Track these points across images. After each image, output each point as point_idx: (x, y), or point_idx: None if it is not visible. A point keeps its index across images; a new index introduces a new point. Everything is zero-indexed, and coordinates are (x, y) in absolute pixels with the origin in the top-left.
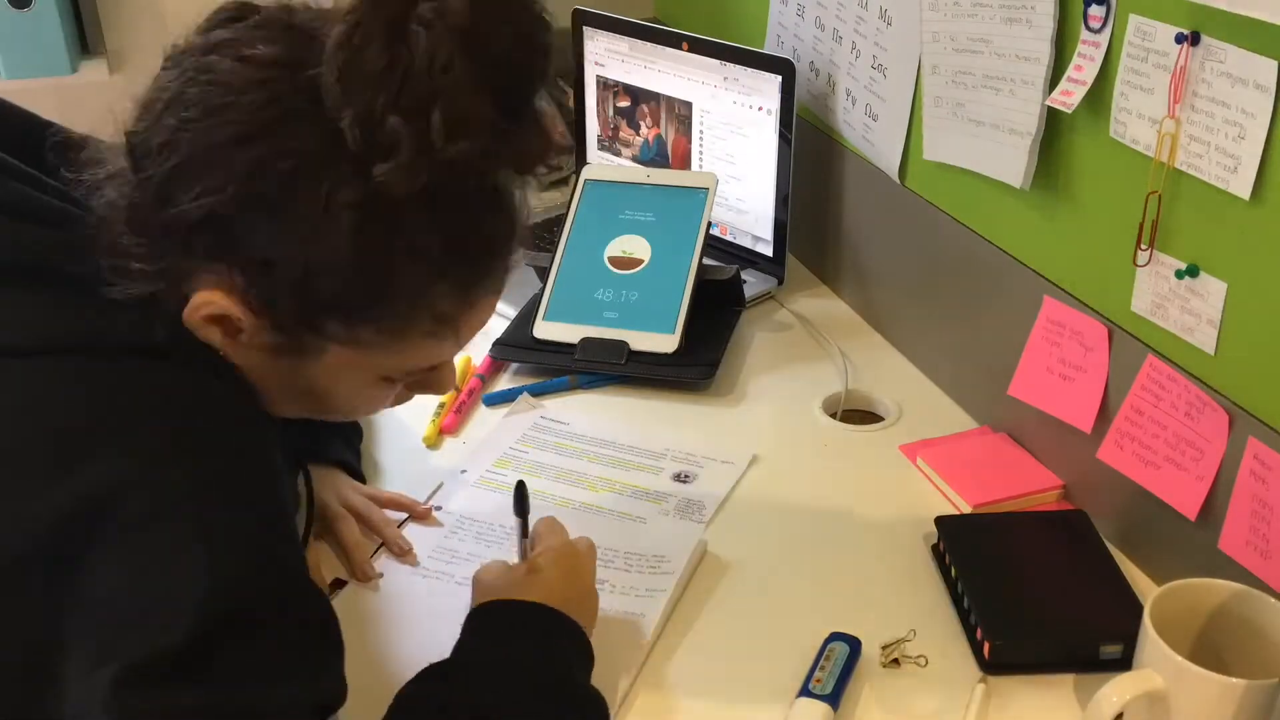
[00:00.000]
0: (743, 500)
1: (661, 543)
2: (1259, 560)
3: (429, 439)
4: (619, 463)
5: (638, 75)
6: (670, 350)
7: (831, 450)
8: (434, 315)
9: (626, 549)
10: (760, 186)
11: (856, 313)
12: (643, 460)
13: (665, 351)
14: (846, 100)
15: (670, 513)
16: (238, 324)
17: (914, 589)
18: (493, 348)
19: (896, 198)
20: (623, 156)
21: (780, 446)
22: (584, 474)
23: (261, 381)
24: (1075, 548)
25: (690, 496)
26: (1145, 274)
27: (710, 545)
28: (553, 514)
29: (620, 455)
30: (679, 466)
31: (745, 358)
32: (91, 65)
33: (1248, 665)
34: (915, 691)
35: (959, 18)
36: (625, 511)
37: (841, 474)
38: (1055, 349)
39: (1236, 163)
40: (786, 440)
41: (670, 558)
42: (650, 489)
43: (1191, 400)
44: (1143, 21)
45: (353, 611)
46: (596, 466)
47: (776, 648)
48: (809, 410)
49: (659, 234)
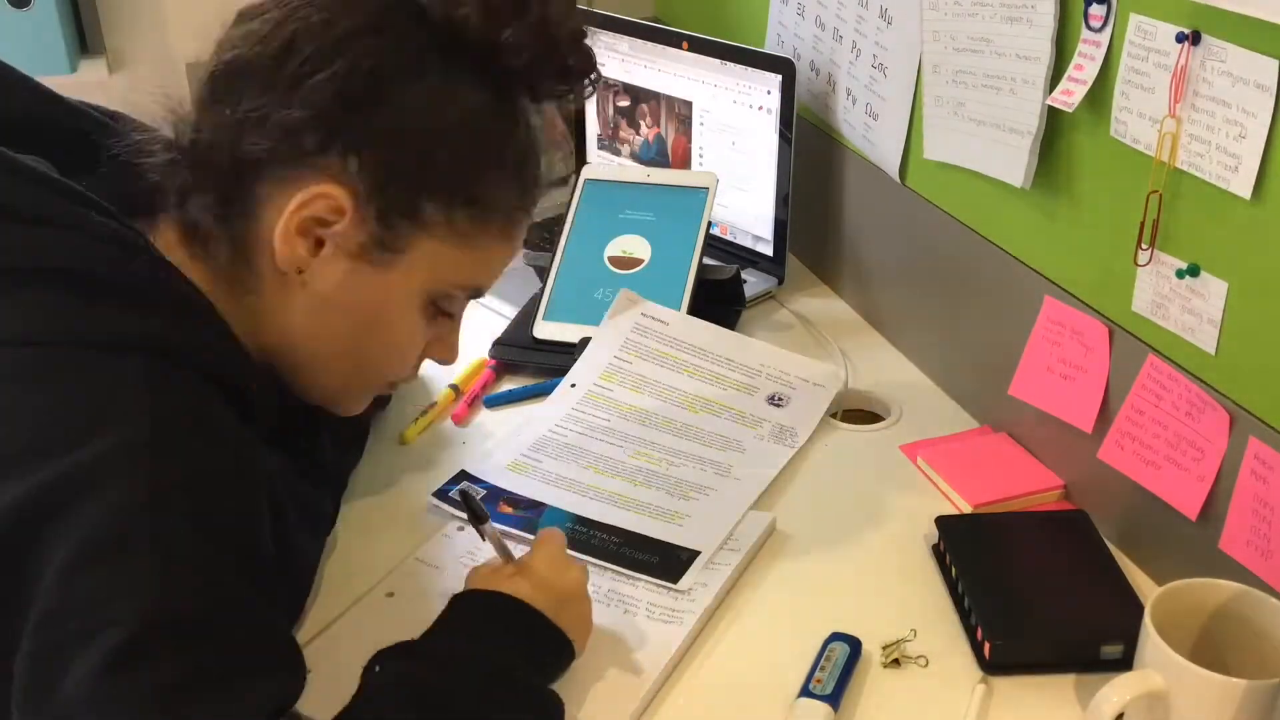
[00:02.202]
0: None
1: (754, 466)
2: (1260, 560)
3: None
4: (718, 379)
5: (638, 75)
6: None
7: (832, 450)
8: (506, 209)
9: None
10: (760, 186)
11: (856, 312)
12: (739, 378)
13: None
14: (847, 99)
15: (765, 437)
16: (333, 226)
17: (914, 589)
18: (492, 348)
19: (897, 197)
20: (623, 156)
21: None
22: (685, 391)
23: (311, 327)
24: (1076, 548)
25: (783, 422)
26: (1146, 273)
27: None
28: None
29: (718, 370)
30: (774, 387)
31: None
32: (91, 65)
33: (1248, 665)
34: (915, 692)
35: (960, 17)
36: (724, 434)
37: (841, 474)
38: (1056, 349)
39: (1237, 162)
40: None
41: (741, 518)
42: (746, 412)
43: (1192, 400)
44: (1144, 21)
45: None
46: (695, 383)
47: (776, 648)
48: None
49: (659, 234)
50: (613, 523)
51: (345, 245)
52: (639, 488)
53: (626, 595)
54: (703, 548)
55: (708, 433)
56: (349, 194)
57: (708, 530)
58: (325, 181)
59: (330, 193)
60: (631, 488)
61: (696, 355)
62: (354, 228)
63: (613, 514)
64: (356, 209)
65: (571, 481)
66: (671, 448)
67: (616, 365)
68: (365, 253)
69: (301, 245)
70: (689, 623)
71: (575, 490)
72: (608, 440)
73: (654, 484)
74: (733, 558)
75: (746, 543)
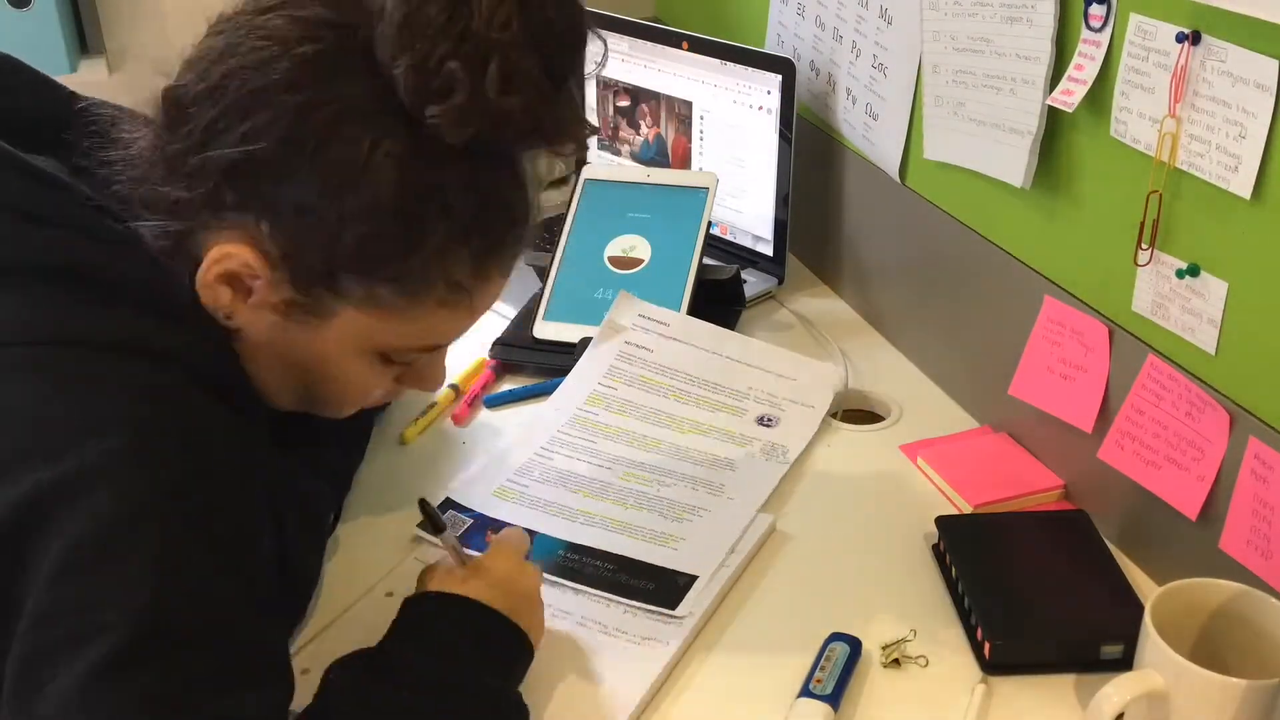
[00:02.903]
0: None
1: (747, 485)
2: (1260, 560)
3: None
4: (704, 402)
5: (638, 74)
6: None
7: (832, 450)
8: (449, 282)
9: (706, 507)
10: (760, 186)
11: (856, 312)
12: (726, 400)
13: None
14: (847, 99)
15: (756, 455)
16: (251, 282)
17: (914, 589)
18: (492, 347)
19: (897, 197)
20: (623, 156)
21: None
22: (671, 415)
23: (261, 357)
24: (1076, 548)
25: (774, 440)
26: (1146, 273)
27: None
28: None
29: (705, 394)
30: (762, 410)
31: None
32: (91, 65)
33: (1248, 665)
34: (915, 691)
35: (960, 17)
36: (713, 453)
37: (841, 474)
38: (1056, 349)
39: (1237, 162)
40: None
41: (746, 516)
42: (735, 432)
43: (1192, 400)
44: (1144, 20)
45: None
46: (682, 407)
47: (776, 648)
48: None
49: (659, 233)
50: (606, 548)
51: (269, 300)
52: (630, 510)
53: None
54: (699, 571)
55: (697, 452)
56: (261, 258)
57: (704, 553)
58: (240, 240)
59: (241, 254)
60: (622, 510)
61: (682, 380)
62: (272, 288)
63: (605, 539)
64: (271, 271)
65: (561, 507)
66: (661, 468)
67: (601, 391)
68: (289, 311)
69: (225, 294)
70: (689, 624)
71: (564, 516)
72: (595, 462)
73: (645, 505)
74: (732, 559)
75: (746, 545)
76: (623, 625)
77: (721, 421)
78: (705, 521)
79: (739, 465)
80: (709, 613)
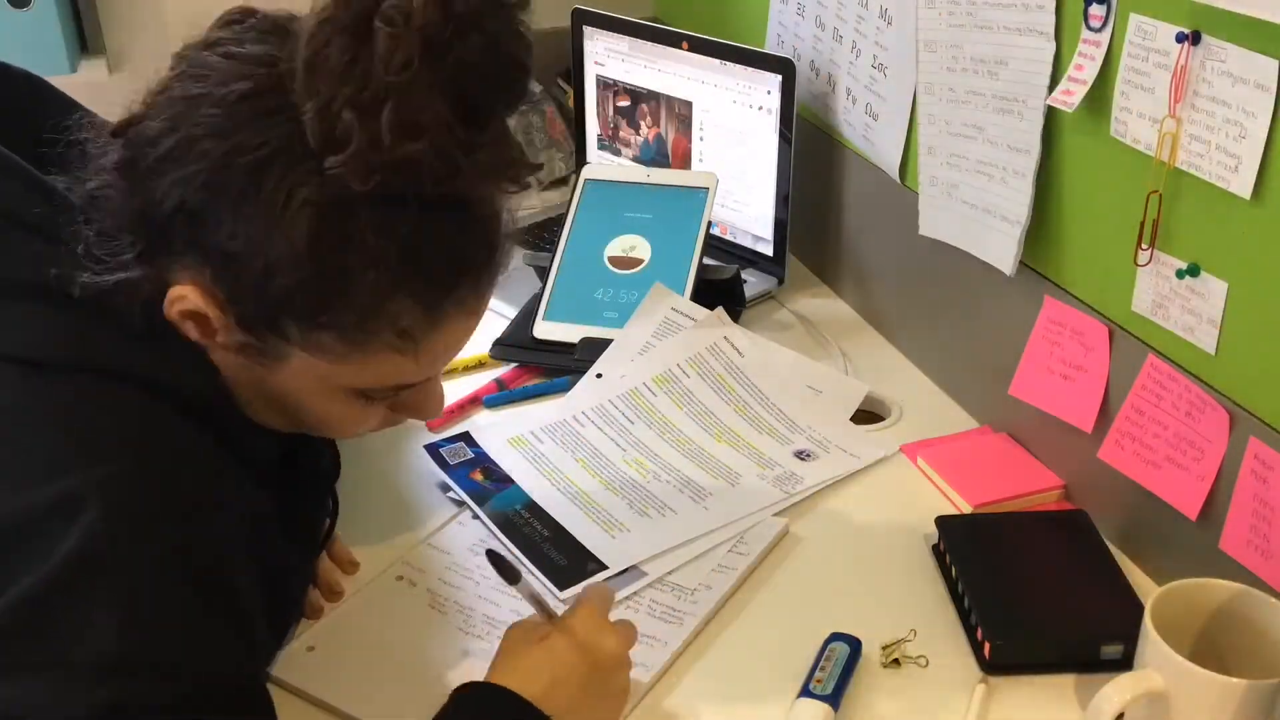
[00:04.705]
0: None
1: (732, 501)
2: (1260, 560)
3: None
4: (759, 422)
5: (638, 75)
6: None
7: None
8: (396, 329)
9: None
10: (760, 186)
11: (856, 312)
12: (779, 428)
13: None
14: (847, 99)
15: (768, 479)
16: (211, 321)
17: (914, 589)
18: (492, 347)
19: (896, 197)
20: (623, 156)
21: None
22: (720, 421)
23: (239, 386)
24: (1076, 548)
25: (796, 472)
26: (1146, 273)
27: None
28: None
29: (764, 416)
30: (807, 445)
31: None
32: (91, 65)
33: (1248, 665)
34: (915, 691)
35: (954, 104)
36: (728, 465)
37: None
38: (1056, 349)
39: (1237, 162)
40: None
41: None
42: (766, 454)
43: (1192, 400)
44: (1144, 20)
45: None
46: (736, 418)
47: (776, 648)
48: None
49: (659, 233)
50: (555, 516)
51: (226, 341)
52: (605, 491)
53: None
54: (613, 565)
55: (716, 461)
56: (209, 300)
57: (630, 549)
58: (190, 282)
59: (191, 295)
60: (599, 489)
61: (754, 396)
62: (225, 329)
63: (563, 509)
64: (219, 314)
65: (554, 469)
66: (669, 464)
67: (674, 372)
68: (245, 352)
69: (193, 330)
70: (690, 623)
71: (550, 478)
72: (618, 443)
73: (624, 493)
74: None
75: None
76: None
77: (762, 443)
78: (660, 522)
79: (742, 482)
80: (710, 613)
